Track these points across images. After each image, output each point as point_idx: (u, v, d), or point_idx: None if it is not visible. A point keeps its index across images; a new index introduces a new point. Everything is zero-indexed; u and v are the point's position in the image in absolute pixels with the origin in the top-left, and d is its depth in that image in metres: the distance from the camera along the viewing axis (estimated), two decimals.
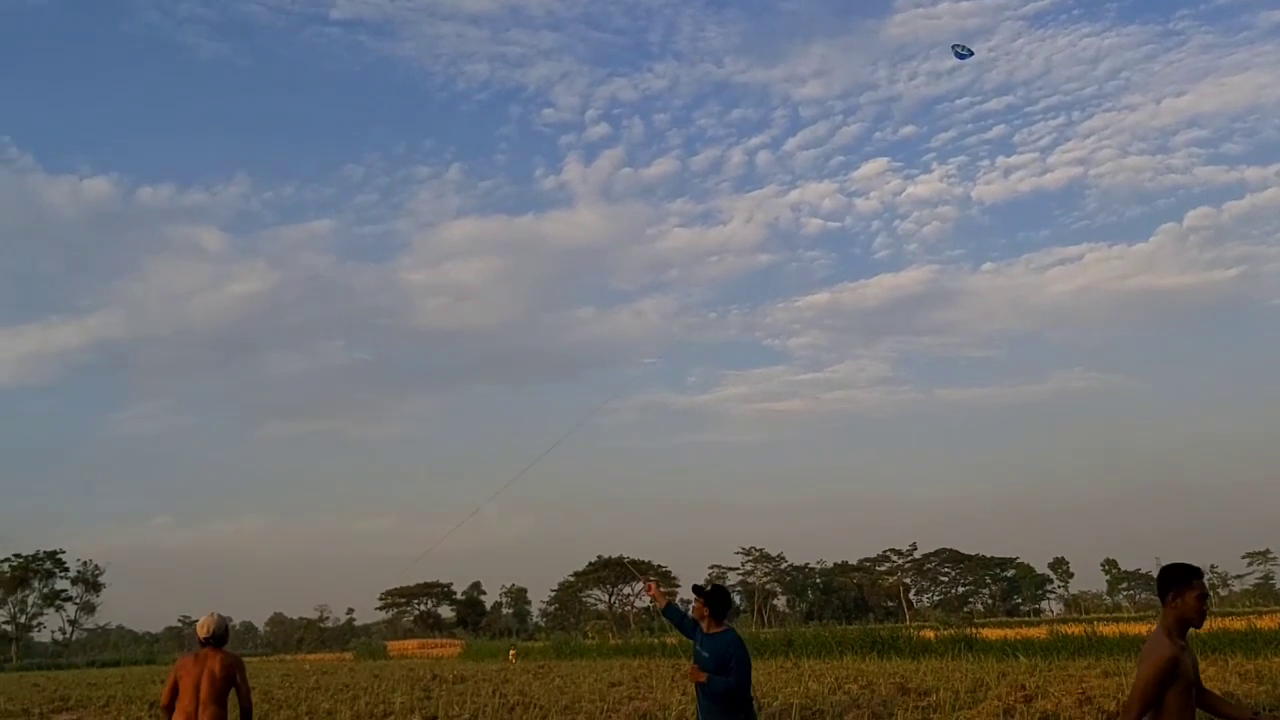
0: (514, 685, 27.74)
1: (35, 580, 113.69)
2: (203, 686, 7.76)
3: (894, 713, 15.49)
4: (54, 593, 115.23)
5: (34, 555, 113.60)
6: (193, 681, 7.81)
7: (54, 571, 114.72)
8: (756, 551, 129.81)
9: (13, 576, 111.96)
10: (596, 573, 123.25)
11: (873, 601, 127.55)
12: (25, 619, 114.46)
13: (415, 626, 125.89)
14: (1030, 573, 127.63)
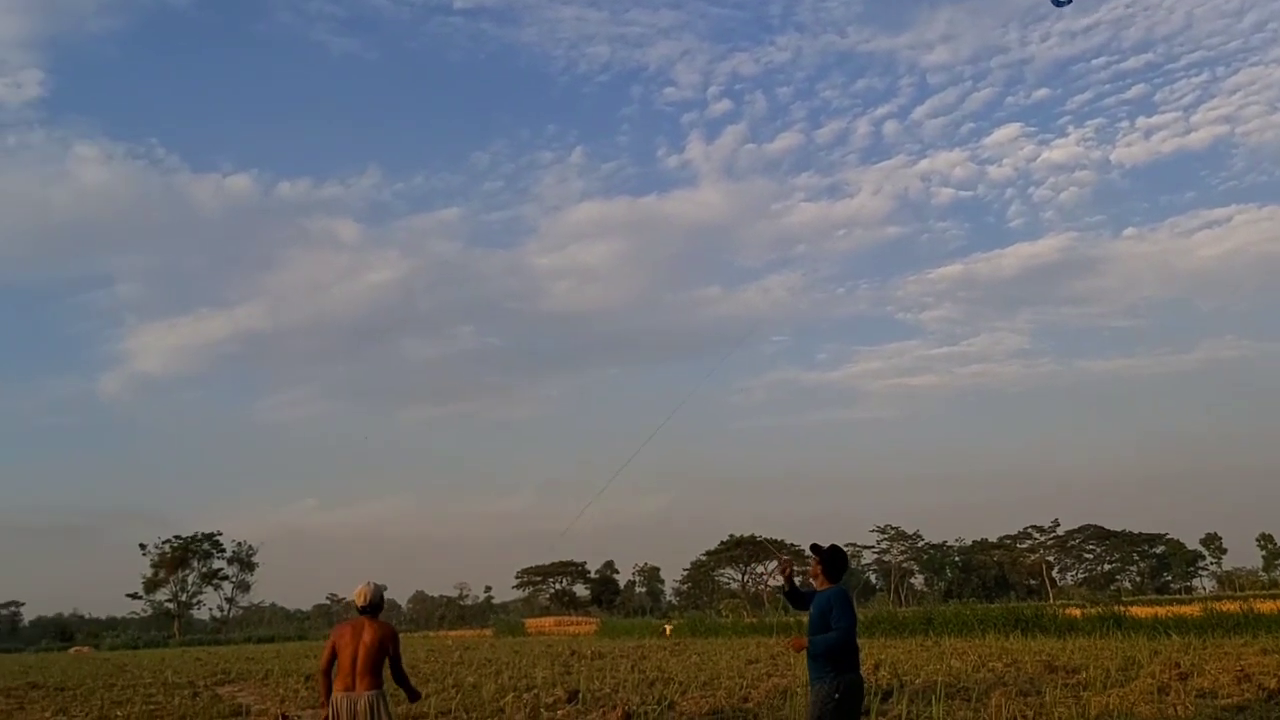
0: (652, 662, 28.03)
1: (194, 560, 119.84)
2: (360, 657, 7.92)
3: (1042, 690, 15.12)
4: (212, 572, 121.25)
5: (193, 537, 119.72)
6: (350, 651, 7.97)
7: (211, 552, 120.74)
8: (892, 530, 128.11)
9: (174, 557, 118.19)
10: (729, 551, 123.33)
11: (1014, 580, 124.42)
12: (186, 598, 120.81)
13: (551, 604, 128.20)
14: (1180, 549, 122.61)
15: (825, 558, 7.59)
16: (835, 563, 7.60)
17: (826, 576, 7.59)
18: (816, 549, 7.66)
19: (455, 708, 17.16)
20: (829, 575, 7.58)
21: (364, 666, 7.86)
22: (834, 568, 7.59)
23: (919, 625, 41.35)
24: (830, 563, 7.58)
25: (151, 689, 25.91)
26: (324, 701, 7.99)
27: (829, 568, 7.58)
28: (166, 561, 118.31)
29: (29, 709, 20.62)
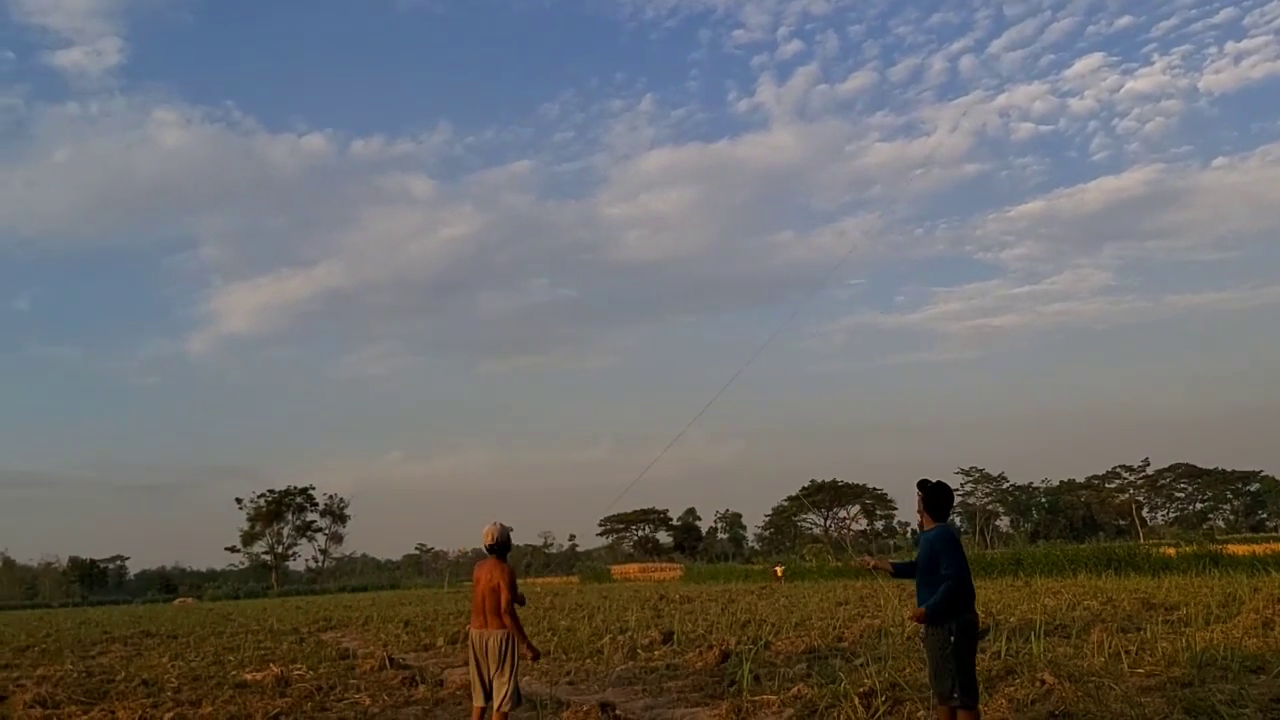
0: (741, 605, 28.30)
1: (288, 514, 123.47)
2: (488, 599, 8.29)
3: (1141, 627, 14.99)
4: (305, 525, 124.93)
5: (286, 491, 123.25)
6: (480, 591, 8.36)
7: (304, 505, 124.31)
8: (977, 472, 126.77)
9: (268, 511, 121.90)
10: (810, 496, 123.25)
11: (1102, 520, 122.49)
12: (282, 550, 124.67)
13: (634, 551, 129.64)
14: (1277, 486, 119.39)
15: (929, 493, 7.51)
16: (939, 499, 7.50)
17: (930, 514, 7.52)
18: (923, 484, 7.60)
19: (554, 649, 17.58)
20: (933, 513, 7.50)
21: (490, 607, 8.21)
22: (938, 505, 7.49)
23: (1008, 566, 41.07)
24: (934, 499, 7.48)
25: (259, 635, 26.92)
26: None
27: (932, 504, 7.49)
28: (262, 515, 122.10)
29: (146, 655, 21.56)
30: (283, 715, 11.34)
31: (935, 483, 7.55)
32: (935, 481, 7.55)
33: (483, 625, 8.30)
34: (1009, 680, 10.13)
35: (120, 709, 11.77)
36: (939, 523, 7.49)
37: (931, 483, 7.55)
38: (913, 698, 9.50)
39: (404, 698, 12.58)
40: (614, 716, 9.90)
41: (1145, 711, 8.15)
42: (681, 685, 12.59)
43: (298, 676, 15.31)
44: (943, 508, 7.51)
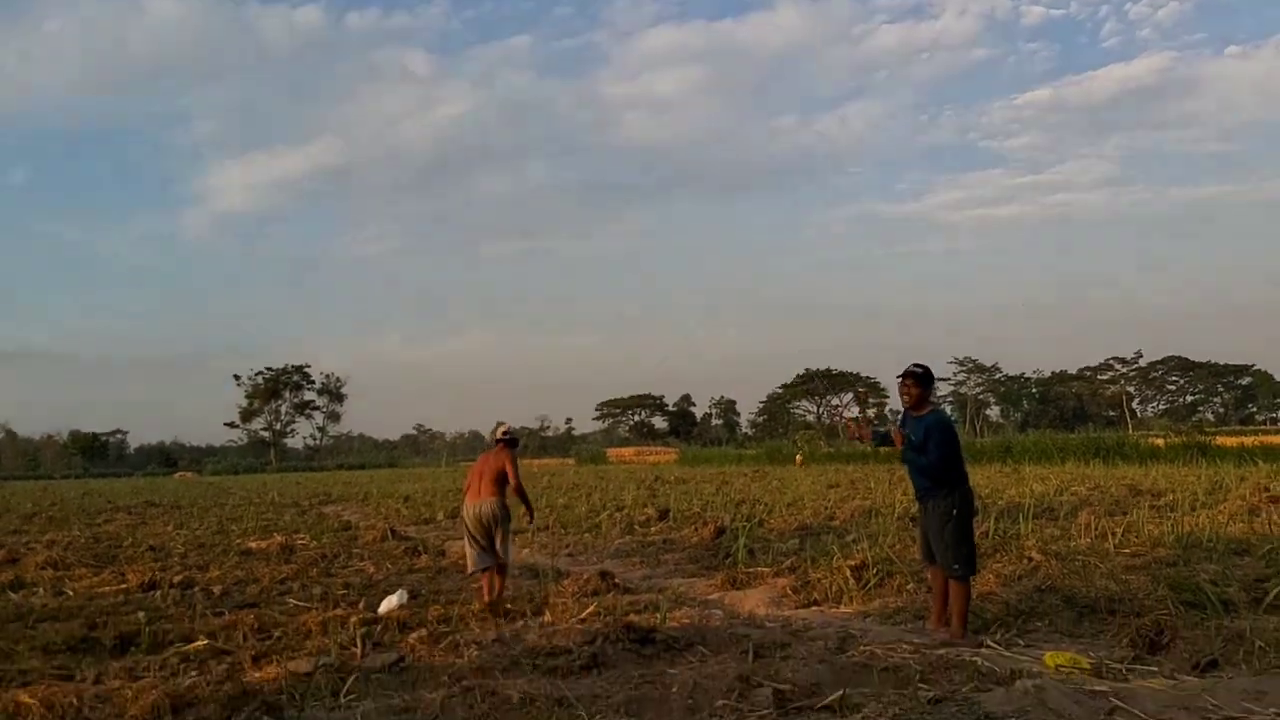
0: (735, 486, 28.77)
1: (286, 392, 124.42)
2: (486, 473, 9.54)
3: (1128, 511, 15.30)
4: (303, 403, 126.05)
5: (283, 369, 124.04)
6: (479, 471, 9.65)
7: (302, 384, 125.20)
8: (970, 362, 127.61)
9: (266, 388, 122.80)
10: (804, 384, 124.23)
11: (1092, 411, 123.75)
12: (280, 427, 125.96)
13: (630, 435, 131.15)
14: (1268, 380, 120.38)
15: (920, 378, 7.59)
16: (930, 383, 7.70)
17: (925, 396, 7.63)
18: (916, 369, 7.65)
19: (553, 524, 17.95)
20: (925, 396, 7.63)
21: (490, 479, 9.49)
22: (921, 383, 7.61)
23: (997, 453, 41.70)
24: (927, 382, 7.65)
25: (260, 507, 27.40)
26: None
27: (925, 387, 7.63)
28: (259, 392, 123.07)
29: (151, 524, 21.97)
30: (289, 580, 11.63)
31: (925, 367, 7.67)
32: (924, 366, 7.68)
33: (476, 497, 9.47)
34: (996, 557, 10.39)
35: (130, 572, 12.06)
36: (929, 405, 7.62)
37: (921, 367, 7.65)
38: (903, 571, 9.76)
39: (407, 566, 12.89)
40: (613, 584, 10.17)
41: (1130, 587, 8.38)
42: (678, 558, 12.91)
43: (301, 545, 15.66)
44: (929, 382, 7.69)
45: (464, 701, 5.39)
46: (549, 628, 7.93)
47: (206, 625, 8.45)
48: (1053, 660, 6.36)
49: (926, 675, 5.93)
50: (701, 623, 7.90)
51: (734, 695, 5.46)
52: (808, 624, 8.03)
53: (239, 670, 6.96)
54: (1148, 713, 4.83)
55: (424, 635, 7.57)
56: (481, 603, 9.16)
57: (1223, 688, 5.42)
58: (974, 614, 7.74)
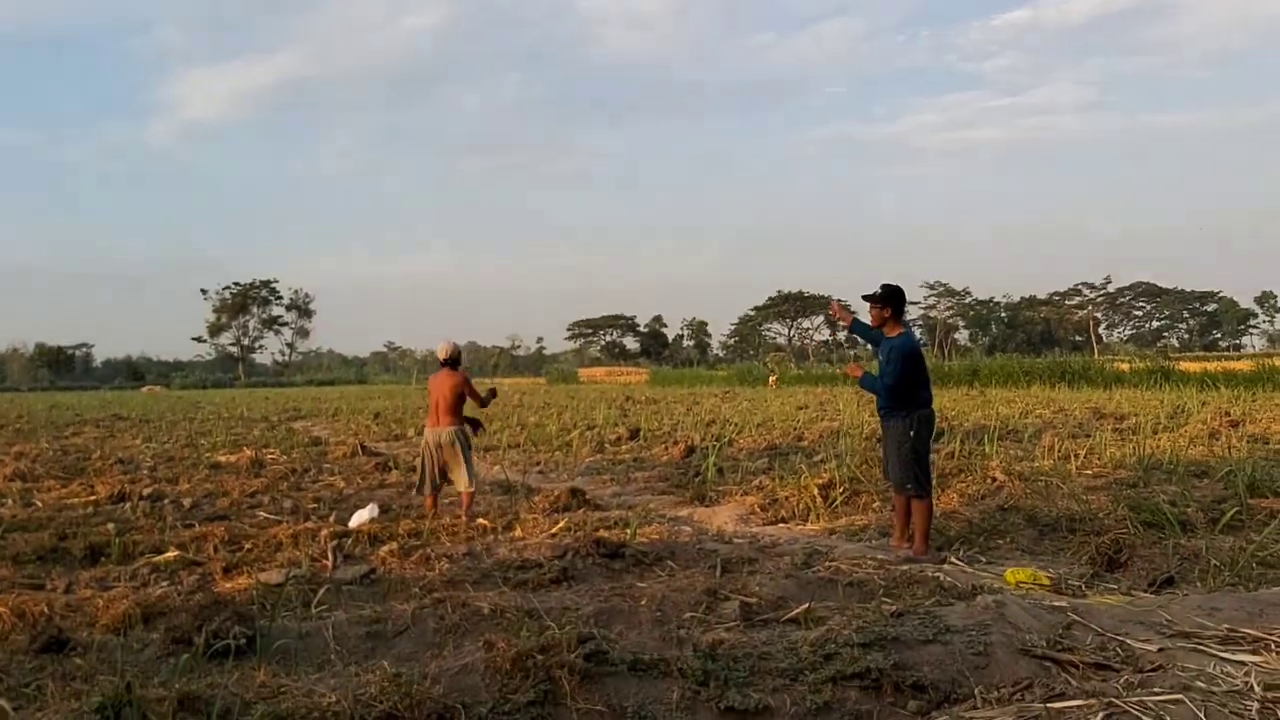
0: (705, 406, 28.95)
1: (254, 306, 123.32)
2: (441, 400, 9.49)
3: (1091, 434, 15.54)
4: (271, 318, 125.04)
5: (251, 284, 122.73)
6: (435, 397, 9.59)
7: (270, 299, 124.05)
8: (941, 286, 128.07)
9: (234, 303, 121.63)
10: (776, 307, 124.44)
11: (1060, 336, 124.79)
12: (248, 342, 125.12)
13: (602, 356, 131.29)
14: (1233, 307, 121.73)
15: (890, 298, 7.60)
16: (901, 303, 7.69)
17: (894, 317, 7.65)
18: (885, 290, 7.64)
19: (524, 442, 18.03)
20: (896, 317, 7.65)
21: (444, 408, 9.49)
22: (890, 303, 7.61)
23: (965, 376, 42.12)
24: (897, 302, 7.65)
25: (229, 422, 27.32)
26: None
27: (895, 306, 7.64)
28: (227, 307, 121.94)
29: (119, 437, 21.88)
30: (259, 494, 11.65)
31: (895, 286, 7.65)
32: (894, 285, 7.66)
33: (435, 424, 9.52)
34: (961, 477, 10.54)
35: (99, 484, 12.04)
36: (899, 329, 7.65)
37: (891, 286, 7.64)
38: (869, 490, 9.90)
39: (378, 481, 12.92)
40: (584, 501, 10.26)
41: (1090, 507, 8.54)
42: (648, 476, 13.02)
43: (271, 460, 15.66)
44: (897, 308, 7.69)
45: (435, 613, 5.45)
46: (520, 543, 8.01)
47: (177, 537, 8.47)
48: (1013, 576, 6.50)
49: (890, 590, 6.05)
50: (670, 539, 8.00)
51: (701, 608, 5.55)
52: (775, 541, 8.15)
53: (210, 581, 7.00)
54: (1104, 627, 4.95)
55: (395, 549, 7.62)
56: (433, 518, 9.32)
57: (1177, 604, 5.56)
58: (937, 532, 7.88)
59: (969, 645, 4.58)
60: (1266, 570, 6.51)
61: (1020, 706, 4.02)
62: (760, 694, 4.14)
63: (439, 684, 4.02)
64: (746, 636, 4.85)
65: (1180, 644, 4.78)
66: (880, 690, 4.23)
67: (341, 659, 4.90)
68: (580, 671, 4.12)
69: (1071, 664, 4.46)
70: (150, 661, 4.87)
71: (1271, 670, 4.29)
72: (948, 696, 4.24)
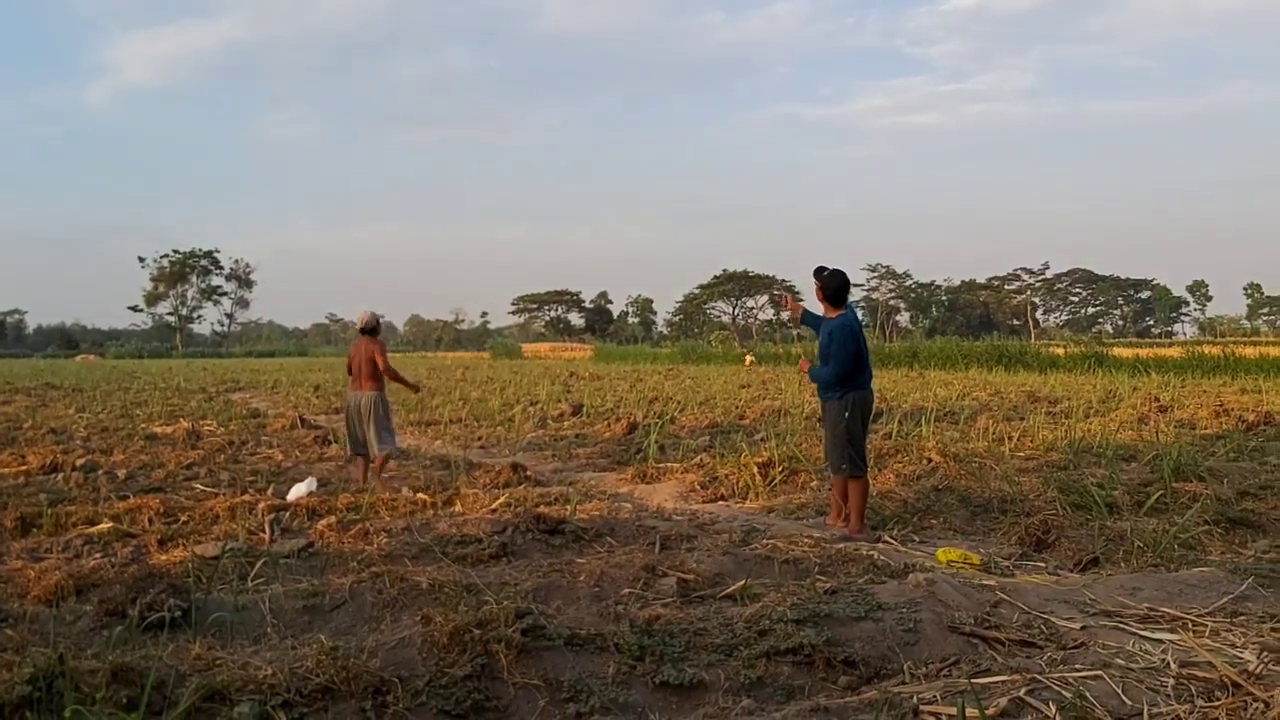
0: (648, 384, 29.03)
1: (193, 276, 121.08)
2: (362, 368, 10.00)
3: (1025, 417, 15.85)
4: (210, 288, 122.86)
5: (190, 253, 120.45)
6: (356, 363, 10.11)
7: (209, 268, 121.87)
8: (883, 268, 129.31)
9: (172, 272, 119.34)
10: (721, 285, 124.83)
11: (998, 320, 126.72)
12: (186, 311, 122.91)
13: (546, 331, 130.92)
14: (1166, 294, 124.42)
15: (826, 281, 7.72)
16: (837, 287, 7.75)
17: (829, 301, 7.77)
18: (819, 272, 7.78)
19: (466, 417, 17.97)
20: (831, 300, 7.76)
21: (362, 374, 10.02)
22: (837, 292, 7.74)
23: (905, 358, 42.64)
24: (831, 286, 7.73)
25: (166, 393, 26.89)
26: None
27: (830, 292, 7.74)
28: (165, 276, 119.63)
29: (51, 406, 21.46)
30: (196, 466, 11.51)
31: (832, 270, 7.75)
32: (831, 269, 7.75)
33: (357, 389, 10.05)
34: (897, 457, 10.70)
35: (30, 454, 11.82)
36: (839, 310, 7.74)
37: (828, 270, 7.74)
38: (808, 469, 10.03)
39: (317, 455, 12.82)
40: (525, 476, 10.28)
41: (1022, 489, 8.73)
42: (590, 452, 13.06)
43: (208, 431, 15.47)
44: (840, 294, 7.75)
45: (373, 586, 5.45)
46: (460, 518, 8.00)
47: (111, 509, 8.34)
48: (945, 556, 6.64)
49: (825, 568, 6.15)
50: (611, 515, 8.05)
51: (640, 584, 5.60)
52: (714, 518, 8.25)
53: (144, 553, 6.93)
54: (1029, 605, 5.09)
55: (333, 523, 7.58)
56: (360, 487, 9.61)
57: (1101, 583, 5.73)
58: (873, 511, 8.02)
59: (899, 622, 4.69)
60: (1188, 552, 6.73)
61: (947, 682, 4.13)
62: (695, 669, 4.21)
63: (376, 657, 4.04)
64: (683, 613, 4.92)
65: (1103, 622, 4.93)
66: (813, 665, 4.33)
67: (278, 632, 4.89)
68: (518, 646, 4.16)
69: (998, 641, 4.58)
70: (83, 634, 4.82)
71: (1188, 648, 4.44)
72: (878, 672, 4.35)
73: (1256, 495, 8.35)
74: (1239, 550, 6.83)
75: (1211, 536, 7.06)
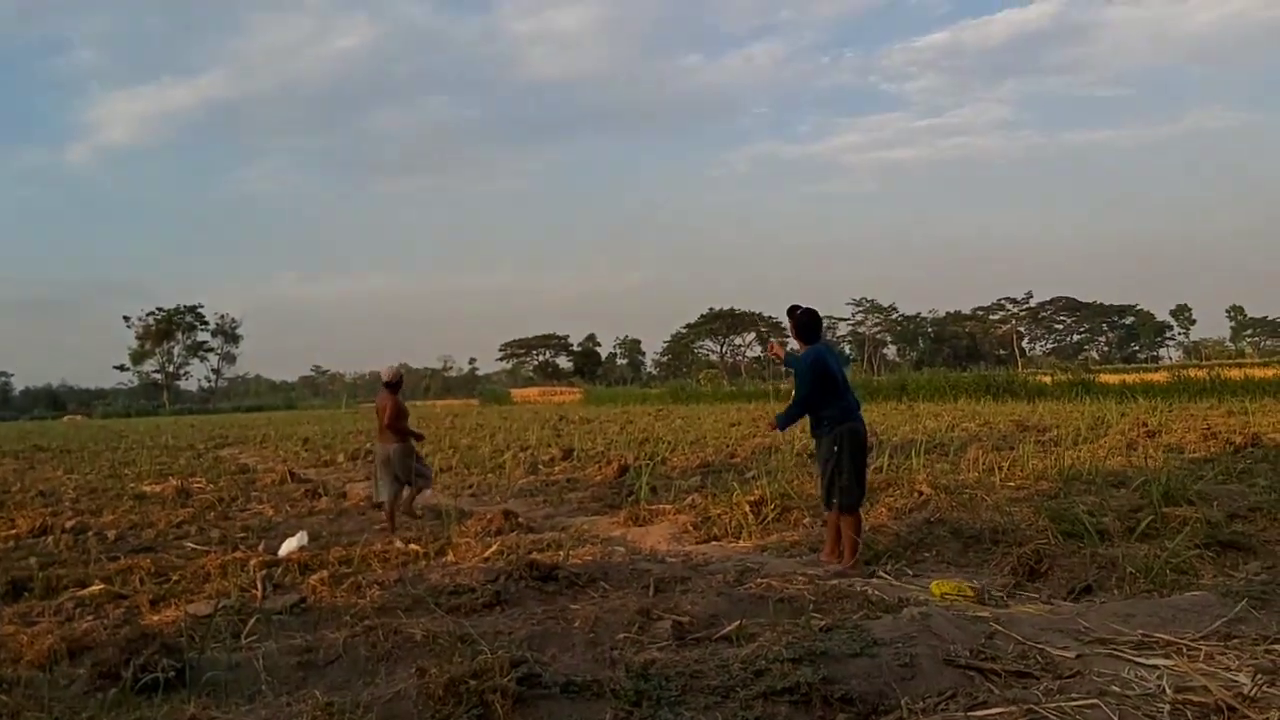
0: (639, 425, 29.02)
1: (178, 333, 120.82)
2: (384, 420, 10.75)
3: (1015, 446, 15.89)
4: (197, 344, 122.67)
5: (175, 309, 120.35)
6: (379, 417, 10.86)
7: (195, 324, 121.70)
8: (868, 302, 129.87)
9: (158, 329, 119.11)
10: (708, 324, 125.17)
11: (984, 350, 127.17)
12: (173, 368, 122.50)
13: (535, 376, 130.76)
14: (1150, 320, 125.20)
15: (796, 320, 7.97)
16: (805, 324, 7.96)
17: (800, 338, 7.97)
18: (792, 311, 7.99)
19: (456, 464, 17.93)
20: (802, 337, 7.97)
21: (381, 424, 10.77)
22: (806, 330, 7.94)
23: (893, 391, 42.72)
24: (802, 325, 7.96)
25: (154, 451, 26.76)
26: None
27: (801, 330, 7.97)
28: (151, 334, 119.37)
29: (40, 469, 21.34)
30: (186, 524, 11.46)
31: (803, 309, 7.95)
32: (803, 308, 7.96)
33: (382, 440, 10.78)
34: (889, 491, 10.71)
35: (19, 517, 11.75)
36: (809, 346, 7.89)
37: (800, 309, 7.94)
38: (799, 506, 10.03)
39: (307, 508, 12.78)
40: (517, 523, 10.25)
41: (1013, 519, 8.75)
42: (581, 496, 13.04)
43: (198, 489, 15.39)
44: (810, 331, 7.95)
45: (367, 640, 5.43)
46: (452, 567, 7.98)
47: (102, 570, 8.30)
48: (939, 589, 6.65)
49: (819, 605, 6.15)
50: (604, 559, 8.03)
51: (634, 628, 5.60)
52: (707, 559, 8.24)
53: (137, 614, 6.89)
54: (1025, 636, 5.10)
55: (325, 577, 7.55)
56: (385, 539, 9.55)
57: (1095, 611, 5.74)
58: (866, 546, 8.02)
59: (895, 657, 4.69)
60: (1180, 576, 6.74)
61: (945, 716, 4.13)
62: (692, 712, 4.20)
63: (372, 712, 4.02)
64: (679, 655, 4.91)
65: (1097, 650, 4.94)
66: (810, 704, 4.32)
67: (273, 690, 4.86)
68: (513, 695, 4.15)
69: (994, 673, 4.59)
70: (77, 697, 4.79)
71: (1182, 673, 4.45)
72: (875, 708, 4.34)
73: (1246, 517, 8.40)
74: (1230, 573, 6.85)
75: (1203, 560, 7.09)
